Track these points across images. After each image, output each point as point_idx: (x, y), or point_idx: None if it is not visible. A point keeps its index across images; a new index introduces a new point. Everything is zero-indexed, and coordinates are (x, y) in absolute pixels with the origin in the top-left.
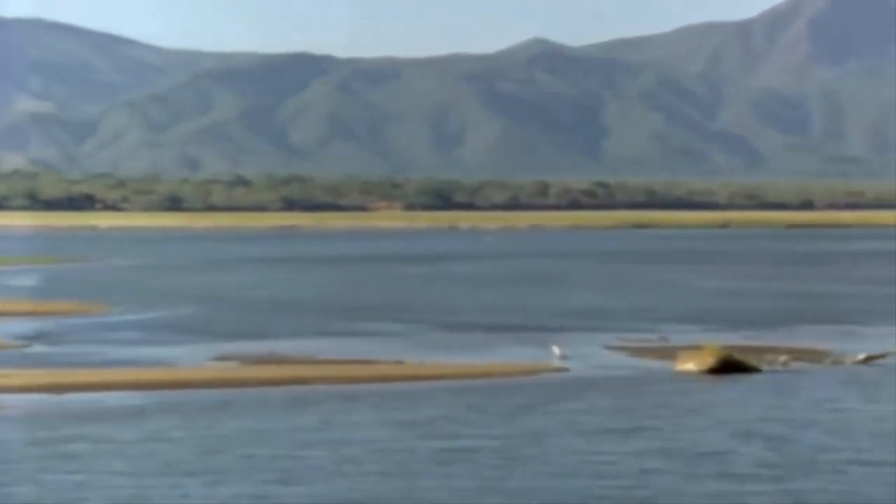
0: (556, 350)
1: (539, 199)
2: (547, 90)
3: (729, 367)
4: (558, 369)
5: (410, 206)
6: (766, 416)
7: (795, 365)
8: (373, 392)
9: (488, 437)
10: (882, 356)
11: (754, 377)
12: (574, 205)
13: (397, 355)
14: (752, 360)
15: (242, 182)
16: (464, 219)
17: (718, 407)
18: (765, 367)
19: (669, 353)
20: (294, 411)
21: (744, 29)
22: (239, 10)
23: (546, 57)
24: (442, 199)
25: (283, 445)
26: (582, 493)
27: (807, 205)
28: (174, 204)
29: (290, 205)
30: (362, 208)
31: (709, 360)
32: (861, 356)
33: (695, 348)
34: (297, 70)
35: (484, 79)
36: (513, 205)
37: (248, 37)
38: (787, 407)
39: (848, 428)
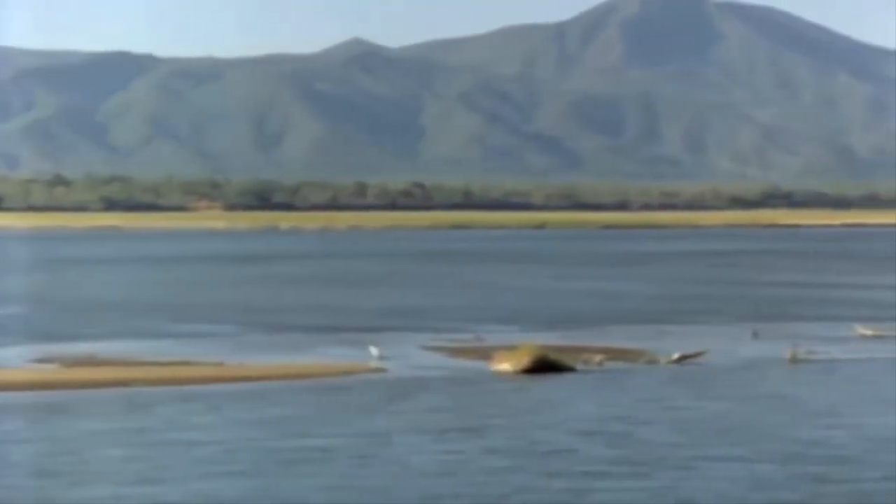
0: (373, 350)
1: (358, 200)
2: (366, 91)
3: (544, 366)
4: (376, 370)
5: (231, 207)
6: (603, 414)
7: (610, 365)
8: (202, 393)
9: (333, 437)
10: (695, 355)
11: (570, 377)
12: (392, 205)
13: (217, 357)
14: (567, 359)
15: (63, 181)
16: (284, 219)
17: (554, 406)
18: (579, 367)
19: (485, 354)
20: (134, 413)
21: (559, 31)
22: (60, 8)
23: (364, 57)
24: (262, 199)
25: (135, 447)
26: (437, 491)
27: (622, 205)
28: None
29: (110, 205)
30: (183, 208)
31: (524, 360)
32: (675, 356)
33: (510, 348)
34: (119, 69)
35: (303, 79)
36: (332, 205)
37: (69, 35)
38: (620, 405)
39: (685, 425)
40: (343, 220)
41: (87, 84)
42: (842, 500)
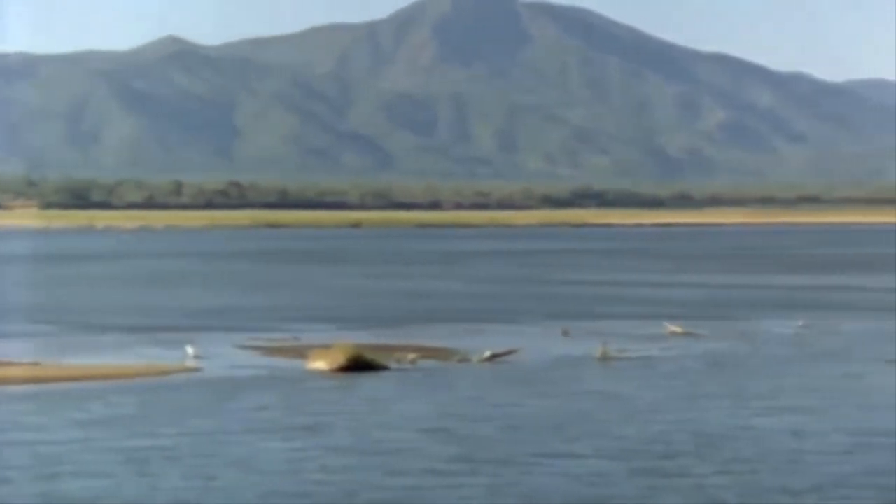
0: (189, 350)
1: (174, 199)
2: (181, 89)
3: (359, 365)
4: (192, 369)
5: (47, 205)
6: (435, 412)
7: (424, 363)
8: (24, 394)
9: (171, 437)
10: (506, 353)
11: (385, 375)
12: (209, 204)
13: (34, 357)
14: (380, 358)
15: None
16: (100, 218)
17: (384, 404)
18: (393, 366)
19: (301, 352)
20: None
21: (372, 30)
22: None
23: (180, 55)
24: (79, 197)
25: None
26: (283, 489)
27: (435, 205)
28: None
29: None
30: None
31: (339, 359)
32: (487, 354)
33: (325, 347)
34: None
35: (119, 77)
36: (149, 204)
37: None
38: (449, 403)
39: (516, 422)
40: (159, 219)
41: None
42: (679, 493)
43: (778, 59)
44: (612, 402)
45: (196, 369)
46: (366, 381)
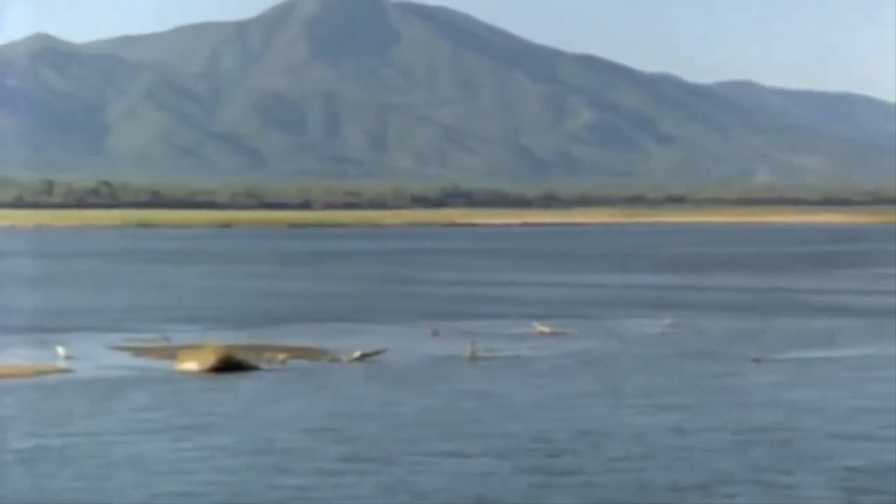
0: (60, 351)
1: (44, 198)
2: (50, 87)
3: (229, 365)
4: (64, 371)
5: None
6: (317, 411)
7: (294, 363)
8: None
9: (58, 438)
10: (376, 353)
11: (257, 375)
12: (79, 204)
13: None
14: (251, 358)
15: None
16: None
17: (264, 404)
18: (264, 366)
19: (171, 353)
20: None
21: (241, 29)
22: None
23: (49, 53)
24: None
25: None
26: (175, 489)
27: (306, 204)
28: None
29: None
30: None
31: (210, 359)
32: (356, 354)
33: (196, 347)
34: None
35: None
36: (18, 203)
37: None
38: (329, 402)
39: (399, 421)
40: (29, 218)
41: None
42: (569, 491)
43: (644, 60)
44: (490, 400)
45: (67, 370)
46: (239, 381)
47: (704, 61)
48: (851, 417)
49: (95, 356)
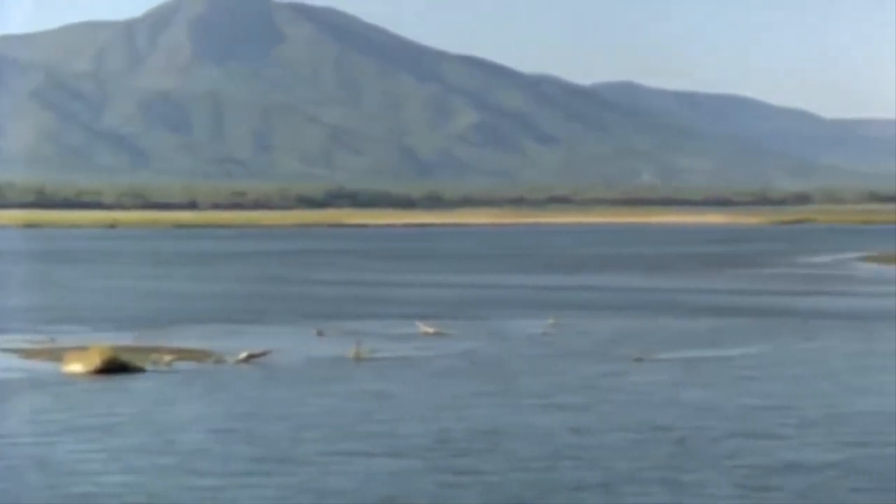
0: None
1: None
2: None
3: (115, 367)
4: None
5: None
6: (218, 412)
7: (180, 365)
8: None
9: None
10: (261, 354)
11: (144, 377)
12: None
13: None
14: (137, 360)
15: None
16: None
17: (164, 405)
18: (150, 368)
19: (57, 355)
20: None
21: (128, 28)
22: None
23: None
24: None
25: None
26: (87, 490)
27: (192, 205)
28: None
29: None
30: None
31: (95, 361)
32: (242, 355)
33: (81, 349)
34: None
35: None
36: None
37: None
38: (228, 404)
39: (305, 422)
40: None
41: None
42: (476, 491)
43: (526, 61)
44: (388, 401)
45: None
46: (128, 383)
47: (585, 62)
48: (747, 416)
49: None
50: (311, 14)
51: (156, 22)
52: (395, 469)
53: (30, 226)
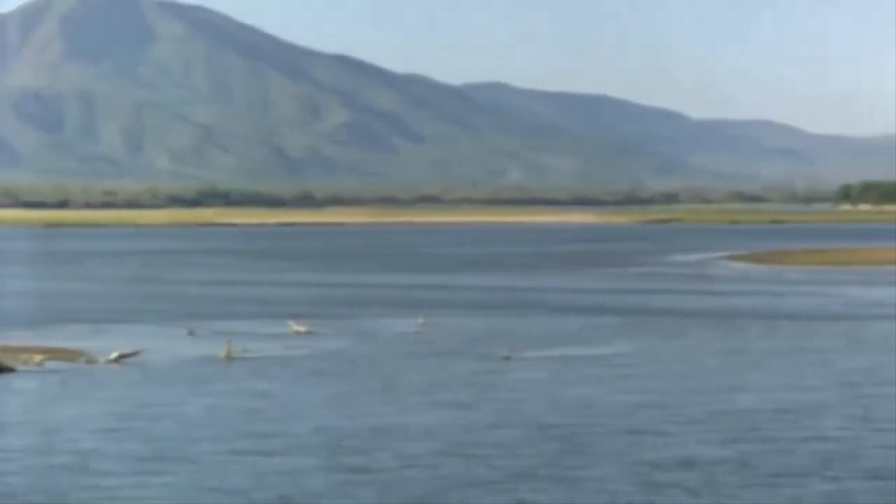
0: None
1: None
2: None
3: None
4: None
5: None
6: (102, 412)
7: (51, 365)
8: None
9: None
10: (134, 354)
11: (16, 377)
12: None
13: None
14: (7, 359)
15: None
16: None
17: (46, 405)
18: (21, 367)
19: None
20: None
21: None
22: None
23: None
24: None
25: None
26: None
27: (63, 204)
28: None
29: None
30: None
31: None
32: (113, 355)
33: None
34: None
35: None
36: None
37: None
38: (110, 403)
39: (193, 421)
40: None
41: None
42: (373, 487)
43: (397, 60)
44: (269, 399)
45: None
46: (1, 383)
47: (455, 62)
48: (631, 413)
49: None
50: (182, 12)
51: (26, 18)
52: (290, 468)
53: None
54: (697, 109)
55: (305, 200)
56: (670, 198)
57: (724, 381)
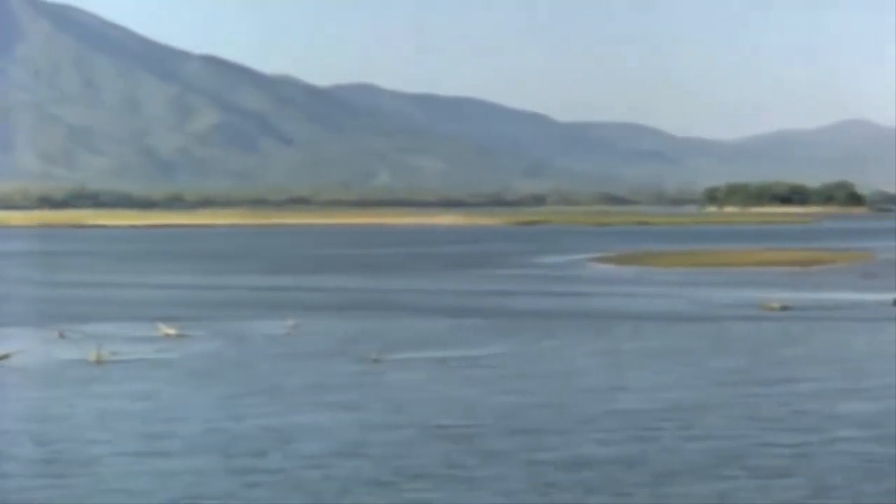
0: None
1: None
2: None
3: None
4: None
5: None
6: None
7: None
8: None
9: None
10: (3, 357)
11: None
12: None
13: None
14: None
15: None
16: None
17: None
18: None
19: None
20: None
21: None
22: None
23: None
24: None
25: None
26: None
27: None
28: None
29: None
30: None
31: None
32: None
33: None
34: None
35: None
36: None
37: None
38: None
39: (84, 423)
40: None
41: None
42: (280, 489)
43: (267, 61)
44: (154, 401)
45: None
46: None
47: (324, 63)
48: (517, 413)
49: None
50: (52, 11)
51: None
52: (189, 469)
53: None
54: (563, 112)
55: (176, 202)
56: (538, 200)
57: (604, 381)
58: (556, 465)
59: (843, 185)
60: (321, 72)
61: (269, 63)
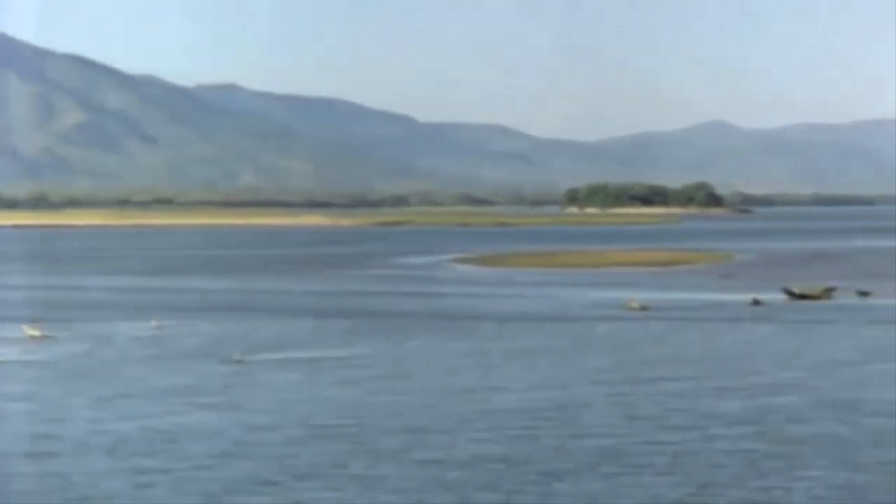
0: None
1: None
2: None
3: None
4: None
5: None
6: None
7: None
8: None
9: None
10: None
11: None
12: None
13: None
14: None
15: None
16: None
17: None
18: None
19: None
20: None
21: None
22: None
23: None
24: None
25: None
26: None
27: None
28: None
29: None
30: None
31: None
32: None
33: None
34: None
35: None
36: None
37: None
38: None
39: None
40: None
41: None
42: (166, 485)
43: (131, 61)
44: (32, 402)
45: None
46: None
47: (187, 63)
48: (398, 412)
49: None
50: None
51: None
52: (81, 469)
53: None
54: (426, 114)
55: (40, 202)
56: (400, 200)
57: (477, 381)
58: (446, 464)
59: (702, 186)
60: (185, 72)
61: (133, 62)
